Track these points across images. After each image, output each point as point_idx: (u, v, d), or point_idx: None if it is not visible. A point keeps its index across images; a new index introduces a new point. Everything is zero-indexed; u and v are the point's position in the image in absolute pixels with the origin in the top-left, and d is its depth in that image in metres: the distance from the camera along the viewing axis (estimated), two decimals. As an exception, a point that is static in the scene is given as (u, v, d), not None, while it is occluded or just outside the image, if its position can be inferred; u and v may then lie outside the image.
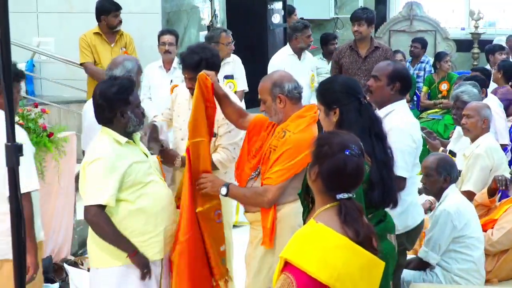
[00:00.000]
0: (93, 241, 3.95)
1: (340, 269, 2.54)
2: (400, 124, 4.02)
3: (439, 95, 9.38)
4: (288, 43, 7.78)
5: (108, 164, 3.76)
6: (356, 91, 3.63)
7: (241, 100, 7.16)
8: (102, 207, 3.79)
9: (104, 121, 3.89)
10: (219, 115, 4.44)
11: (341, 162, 2.65)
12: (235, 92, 7.11)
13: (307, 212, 3.52)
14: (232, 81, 7.19)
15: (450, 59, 9.55)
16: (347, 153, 2.66)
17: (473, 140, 5.53)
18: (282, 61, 7.40)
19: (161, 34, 7.23)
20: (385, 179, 3.47)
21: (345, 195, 2.67)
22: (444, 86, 9.37)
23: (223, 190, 4.08)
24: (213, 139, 4.48)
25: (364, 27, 6.98)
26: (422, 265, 4.66)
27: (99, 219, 3.80)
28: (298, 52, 7.59)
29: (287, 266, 2.58)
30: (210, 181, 4.13)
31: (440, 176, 4.65)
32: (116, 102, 3.83)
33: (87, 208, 3.81)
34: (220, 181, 4.15)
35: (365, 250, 2.62)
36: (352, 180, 2.70)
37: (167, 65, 7.17)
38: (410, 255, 5.15)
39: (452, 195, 4.66)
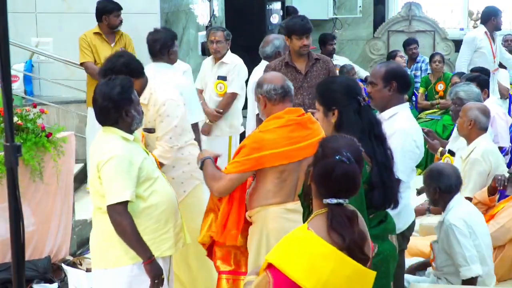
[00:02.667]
0: (100, 240, 3.92)
1: (326, 277, 2.52)
2: (404, 127, 3.99)
3: (436, 96, 9.39)
4: None
5: (126, 160, 3.79)
6: (356, 92, 3.63)
7: (231, 102, 7.18)
8: (126, 205, 3.78)
9: (109, 122, 3.89)
10: (152, 107, 4.60)
11: (329, 166, 2.65)
12: (224, 93, 7.19)
13: (307, 214, 3.53)
14: (222, 82, 7.23)
15: (439, 59, 9.56)
16: (337, 158, 2.65)
17: (468, 141, 5.49)
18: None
19: None
20: (385, 181, 3.47)
21: (333, 201, 2.64)
22: (440, 87, 9.40)
23: (199, 164, 4.18)
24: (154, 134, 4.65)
25: (310, 39, 5.92)
26: (471, 282, 4.48)
27: (123, 218, 3.77)
28: None
29: (270, 266, 2.58)
30: (199, 153, 4.31)
31: (430, 187, 4.61)
32: (121, 102, 3.85)
33: (112, 207, 3.77)
34: (205, 155, 4.22)
35: (353, 260, 2.59)
36: (339, 186, 2.66)
37: None
38: (418, 258, 5.15)
39: (456, 207, 4.56)
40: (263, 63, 6.59)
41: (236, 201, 4.12)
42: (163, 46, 5.53)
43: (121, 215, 3.76)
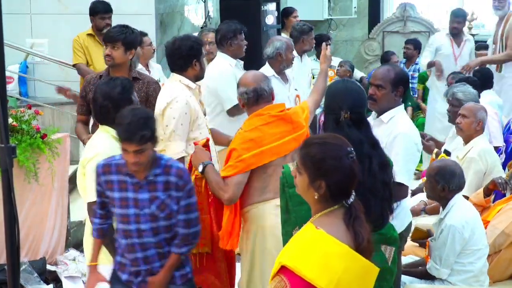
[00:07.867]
0: (87, 238, 4.03)
1: (340, 275, 2.52)
2: (406, 131, 3.99)
3: None
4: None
5: None
6: (342, 104, 3.55)
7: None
8: None
9: (107, 121, 3.95)
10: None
11: (348, 170, 2.64)
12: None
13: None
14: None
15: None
16: (350, 159, 2.65)
17: (465, 140, 5.51)
18: None
19: (144, 36, 7.09)
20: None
21: (352, 198, 2.67)
22: None
23: (200, 168, 4.09)
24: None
25: (120, 52, 5.03)
26: (429, 277, 4.57)
27: None
28: (300, 54, 7.56)
29: (283, 269, 2.56)
30: (195, 153, 4.17)
31: (438, 184, 4.55)
32: (121, 102, 3.89)
33: (89, 205, 3.85)
34: (204, 157, 4.13)
35: (362, 257, 2.60)
36: (355, 183, 2.69)
37: (147, 65, 7.08)
38: (413, 257, 5.14)
39: (458, 206, 4.56)
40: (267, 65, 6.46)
41: (237, 206, 4.11)
42: (222, 37, 6.14)
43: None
